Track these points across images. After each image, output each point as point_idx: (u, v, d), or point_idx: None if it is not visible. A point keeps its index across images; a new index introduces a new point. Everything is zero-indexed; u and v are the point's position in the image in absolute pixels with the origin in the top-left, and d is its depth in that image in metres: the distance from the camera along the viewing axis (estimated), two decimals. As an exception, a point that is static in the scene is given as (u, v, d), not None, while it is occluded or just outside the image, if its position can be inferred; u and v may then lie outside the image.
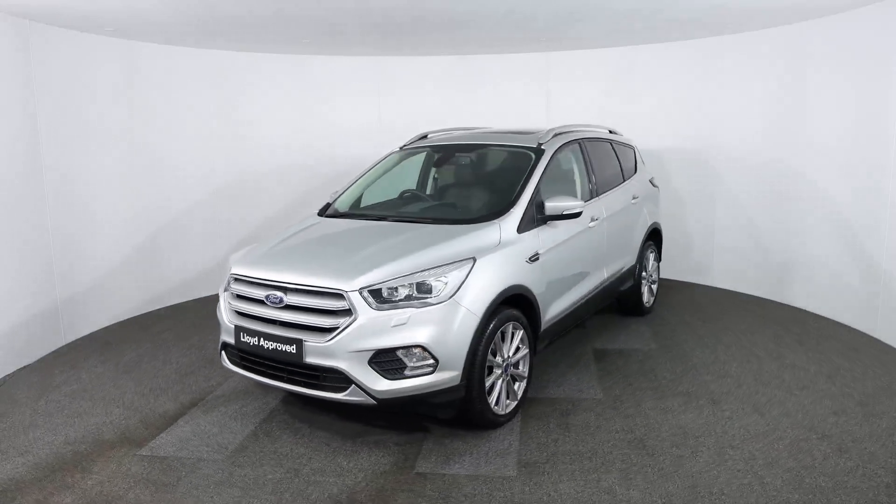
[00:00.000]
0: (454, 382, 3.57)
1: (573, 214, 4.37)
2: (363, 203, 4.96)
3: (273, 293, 3.66)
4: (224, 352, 3.97)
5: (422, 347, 3.45)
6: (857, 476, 3.32)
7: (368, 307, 3.45)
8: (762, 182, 6.40)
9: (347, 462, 3.57)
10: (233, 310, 3.88)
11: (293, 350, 3.53)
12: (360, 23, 5.03)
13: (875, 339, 5.27)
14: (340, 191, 5.06)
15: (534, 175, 4.47)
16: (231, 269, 3.95)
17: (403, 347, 3.44)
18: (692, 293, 6.80)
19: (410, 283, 3.53)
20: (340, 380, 3.47)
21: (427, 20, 5.08)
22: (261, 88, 6.94)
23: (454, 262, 3.66)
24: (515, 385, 4.08)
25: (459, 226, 4.09)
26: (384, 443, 3.77)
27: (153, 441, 3.82)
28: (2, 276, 4.82)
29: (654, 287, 6.32)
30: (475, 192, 4.81)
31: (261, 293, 3.71)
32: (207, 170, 6.73)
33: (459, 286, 3.59)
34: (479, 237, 3.94)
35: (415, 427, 3.93)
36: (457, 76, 7.31)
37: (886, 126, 5.01)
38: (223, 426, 4.00)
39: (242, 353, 3.81)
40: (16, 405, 4.34)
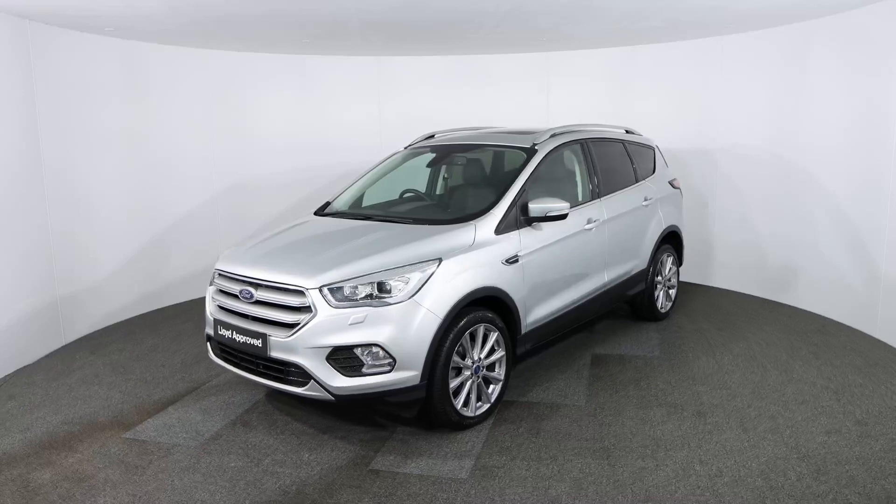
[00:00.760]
0: (413, 382, 3.59)
1: (558, 216, 4.29)
2: (365, 202, 5.05)
3: (246, 288, 3.80)
4: (209, 344, 4.16)
5: (379, 346, 3.50)
6: (827, 501, 3.11)
7: (327, 305, 3.52)
8: (763, 181, 6.33)
9: (309, 455, 3.66)
10: (215, 303, 4.05)
11: (260, 344, 3.65)
12: (360, 23, 5.08)
13: (902, 355, 4.92)
14: (341, 190, 5.17)
15: (520, 176, 4.42)
16: (216, 265, 4.12)
17: (360, 345, 3.50)
18: (717, 298, 6.51)
19: (371, 283, 3.57)
20: (301, 374, 3.56)
21: (427, 20, 5.10)
22: (261, 88, 6.96)
23: (417, 263, 3.68)
24: (490, 388, 4.06)
25: (435, 226, 4.10)
26: (350, 438, 3.84)
27: (139, 425, 4.05)
28: (2, 276, 4.82)
29: (673, 292, 6.10)
30: (466, 193, 4.80)
31: (236, 288, 3.86)
32: (207, 169, 6.73)
33: (421, 287, 3.61)
34: (452, 238, 3.93)
35: (387, 424, 3.98)
36: (457, 76, 7.35)
37: (887, 126, 4.95)
38: (207, 415, 4.18)
39: (221, 346, 3.98)
40: (32, 387, 4.68)
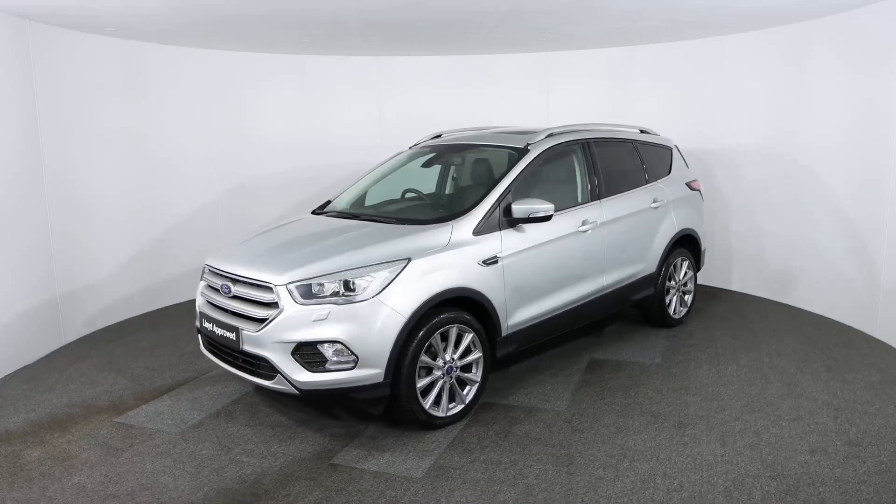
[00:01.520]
0: (377, 380, 3.63)
1: (542, 218, 4.23)
2: (367, 201, 5.12)
3: (225, 283, 3.95)
4: (199, 336, 4.34)
5: (341, 343, 3.56)
6: (785, 522, 2.95)
7: (293, 301, 3.61)
8: (763, 181, 6.28)
9: (278, 447, 3.76)
10: (203, 298, 4.22)
11: (233, 337, 3.79)
12: (360, 23, 5.13)
13: (925, 372, 4.57)
14: (342, 189, 5.27)
15: (506, 177, 4.38)
16: (205, 260, 4.30)
17: (323, 342, 3.57)
18: (741, 304, 6.23)
19: (338, 281, 3.64)
20: (269, 368, 3.67)
21: (427, 20, 5.12)
22: (261, 88, 6.99)
23: (384, 262, 3.71)
24: (466, 389, 4.05)
25: (413, 226, 4.13)
26: (324, 432, 3.92)
27: (132, 411, 4.27)
28: (2, 276, 4.83)
29: (689, 298, 5.88)
30: (457, 193, 4.80)
31: (218, 283, 4.02)
32: (207, 169, 6.77)
33: (386, 286, 3.64)
34: (426, 238, 3.95)
35: (362, 421, 4.04)
36: (457, 76, 7.33)
37: (887, 126, 4.91)
38: (196, 404, 4.36)
39: (207, 338, 4.15)
40: (50, 370, 5.01)
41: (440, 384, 3.90)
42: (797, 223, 6.04)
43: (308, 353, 3.60)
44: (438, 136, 5.62)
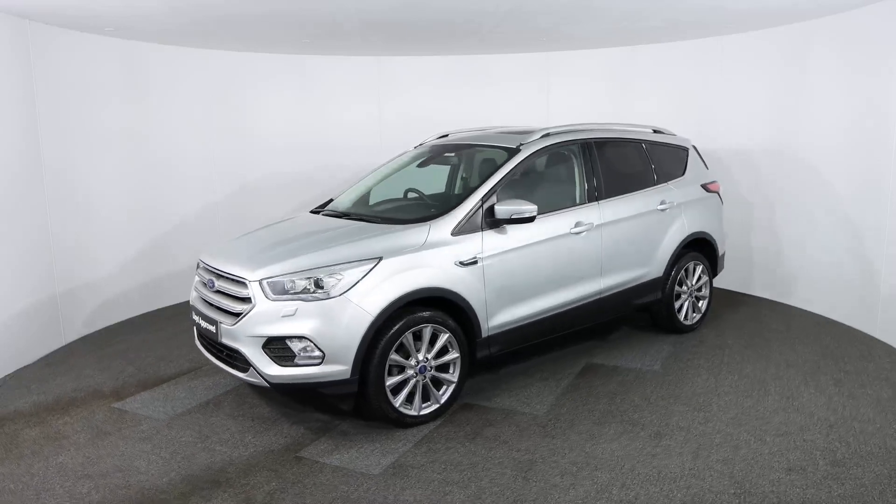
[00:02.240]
0: (343, 376, 3.69)
1: (525, 219, 4.18)
2: (369, 201, 5.19)
3: (210, 278, 4.10)
4: (194, 328, 4.52)
5: (307, 339, 3.64)
6: (734, 542, 2.81)
7: (265, 297, 3.71)
8: (763, 181, 6.23)
9: (252, 437, 3.88)
10: (196, 292, 4.40)
11: (213, 330, 3.94)
12: (360, 23, 5.17)
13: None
14: (343, 189, 5.36)
15: (492, 178, 4.35)
16: (200, 256, 4.48)
17: (291, 337, 3.66)
18: (764, 311, 5.94)
19: (308, 278, 3.72)
20: (244, 361, 3.79)
21: (427, 20, 5.13)
22: (261, 88, 6.97)
23: (355, 261, 3.76)
24: (442, 388, 4.06)
25: (391, 226, 4.16)
26: (300, 425, 4.01)
27: (131, 397, 4.50)
28: (2, 276, 4.83)
29: (704, 304, 5.66)
30: (448, 193, 4.79)
31: (206, 277, 4.18)
32: (207, 169, 6.75)
33: (354, 284, 3.69)
34: (402, 238, 3.97)
35: (340, 416, 4.11)
36: (457, 76, 7.29)
37: (887, 126, 4.89)
38: (190, 393, 4.55)
39: (196, 330, 4.32)
40: (72, 356, 5.33)
41: (412, 383, 3.92)
42: (796, 222, 6.01)
43: (277, 348, 3.70)
44: (445, 136, 5.63)
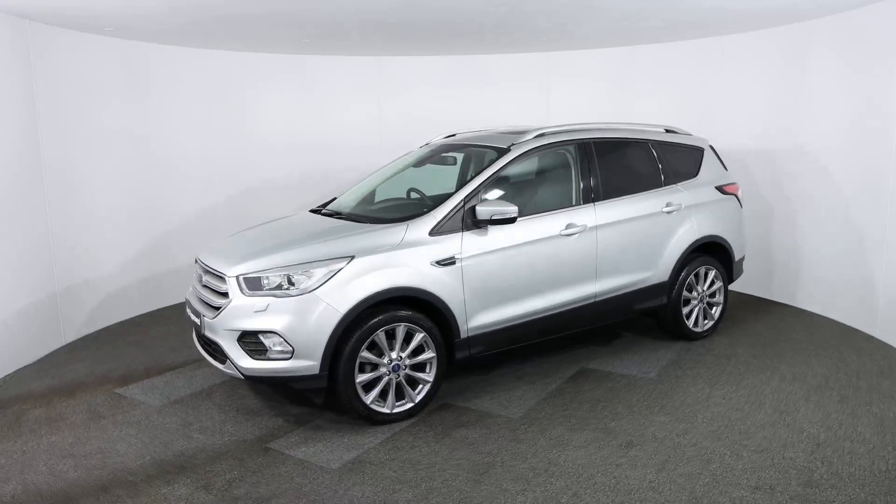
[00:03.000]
0: (313, 371, 3.76)
1: (505, 220, 4.15)
2: (369, 201, 5.27)
3: (200, 273, 4.28)
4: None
5: (277, 334, 3.73)
6: (670, 559, 2.70)
7: (240, 292, 3.84)
8: (763, 181, 6.19)
9: (231, 427, 4.02)
10: (191, 286, 4.59)
11: (199, 322, 4.10)
12: (360, 23, 5.20)
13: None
14: (345, 189, 5.44)
15: (476, 178, 4.34)
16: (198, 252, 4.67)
17: (262, 332, 3.76)
18: (786, 320, 5.63)
19: (282, 275, 3.81)
20: (222, 353, 3.93)
21: (427, 20, 5.14)
22: (261, 88, 6.97)
23: (327, 259, 3.83)
24: (417, 387, 4.08)
25: (369, 225, 4.21)
26: (279, 418, 4.12)
27: (133, 384, 4.74)
28: (2, 276, 4.84)
29: (717, 310, 5.43)
30: (437, 194, 4.78)
31: (197, 272, 4.36)
32: (207, 169, 6.76)
33: (325, 281, 3.76)
34: (377, 237, 4.01)
35: (318, 411, 4.19)
36: (457, 76, 7.24)
37: (887, 126, 4.90)
38: (188, 382, 4.74)
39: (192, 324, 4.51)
40: (96, 343, 5.66)
41: (385, 381, 3.96)
42: (795, 222, 5.98)
43: (251, 342, 3.81)
44: (452, 136, 5.64)
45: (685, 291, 5.21)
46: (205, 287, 4.19)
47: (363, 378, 3.89)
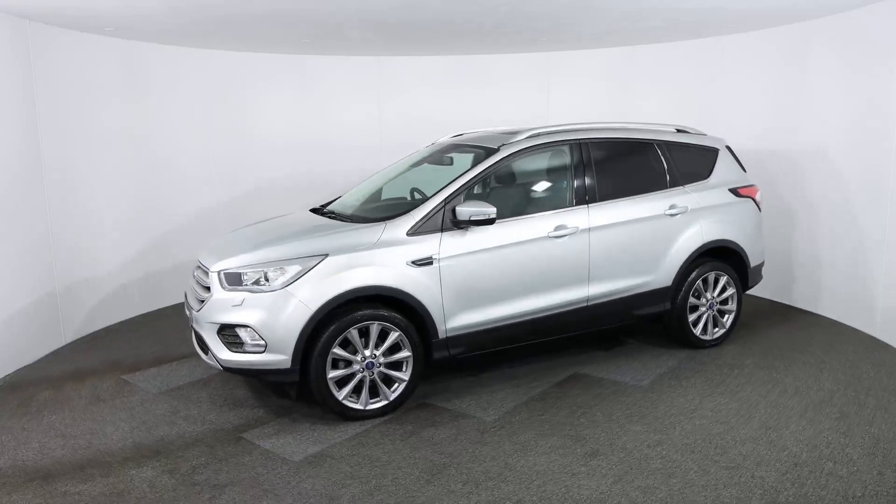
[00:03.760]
0: (284, 366, 3.86)
1: (484, 221, 4.12)
2: (371, 200, 5.33)
3: (195, 268, 4.47)
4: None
5: (250, 328, 3.85)
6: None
7: (221, 287, 3.99)
8: (763, 181, 5.89)
9: (214, 416, 4.18)
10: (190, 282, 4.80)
11: (189, 314, 4.29)
12: (360, 23, 5.23)
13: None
14: (346, 189, 5.53)
15: (460, 178, 4.33)
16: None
17: (238, 325, 3.90)
18: (808, 329, 5.31)
19: (259, 272, 3.93)
20: (205, 344, 4.10)
21: (427, 20, 5.14)
22: (261, 88, 6.96)
23: (301, 257, 3.92)
24: (393, 386, 4.11)
25: (347, 224, 4.28)
26: (259, 409, 4.25)
27: (140, 371, 4.99)
28: (2, 276, 4.83)
29: (729, 318, 5.19)
30: (428, 194, 4.79)
31: (194, 268, 4.55)
32: (207, 169, 6.75)
33: (297, 278, 3.85)
34: (354, 236, 4.07)
35: (301, 405, 4.29)
36: (457, 76, 7.19)
37: (887, 126, 4.87)
38: (191, 371, 4.95)
39: (191, 317, 4.72)
40: (113, 334, 5.98)
41: (358, 378, 4.01)
42: (795, 222, 5.95)
43: (229, 335, 3.95)
44: (460, 136, 5.63)
45: (692, 298, 5.01)
46: (196, 282, 4.37)
47: (335, 374, 3.96)
